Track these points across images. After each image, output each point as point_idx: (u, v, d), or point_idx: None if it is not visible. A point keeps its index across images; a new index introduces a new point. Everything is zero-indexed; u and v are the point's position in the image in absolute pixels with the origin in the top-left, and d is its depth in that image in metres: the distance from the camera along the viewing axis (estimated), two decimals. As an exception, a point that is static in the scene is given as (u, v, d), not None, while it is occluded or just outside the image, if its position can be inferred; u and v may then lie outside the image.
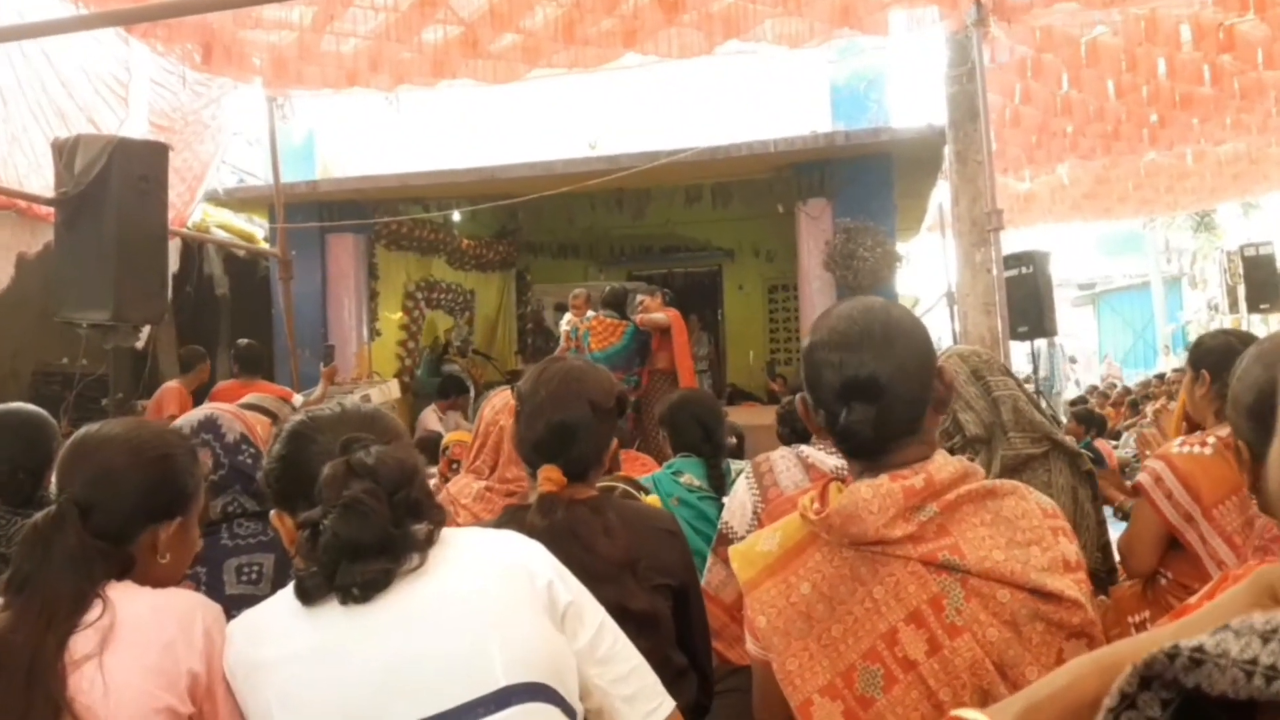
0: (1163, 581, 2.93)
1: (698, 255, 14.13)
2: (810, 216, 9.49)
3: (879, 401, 1.48)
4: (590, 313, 8.60)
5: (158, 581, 1.62)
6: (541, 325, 13.36)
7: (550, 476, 1.99)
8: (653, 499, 3.05)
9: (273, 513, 1.54)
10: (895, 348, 1.49)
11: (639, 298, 8.59)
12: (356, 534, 1.39)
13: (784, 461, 2.68)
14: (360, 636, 1.39)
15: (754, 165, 9.63)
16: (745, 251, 13.89)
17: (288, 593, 1.46)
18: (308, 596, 1.42)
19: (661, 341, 8.27)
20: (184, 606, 1.53)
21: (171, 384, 7.50)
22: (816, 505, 1.52)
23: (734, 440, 4.71)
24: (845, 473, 1.78)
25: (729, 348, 14.12)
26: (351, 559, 1.40)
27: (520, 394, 2.11)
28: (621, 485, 2.79)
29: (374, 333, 10.98)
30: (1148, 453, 4.54)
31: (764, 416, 6.75)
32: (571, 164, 9.52)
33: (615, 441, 2.15)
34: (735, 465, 3.63)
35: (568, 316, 8.82)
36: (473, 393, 10.67)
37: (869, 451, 1.53)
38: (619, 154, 9.42)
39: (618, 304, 8.56)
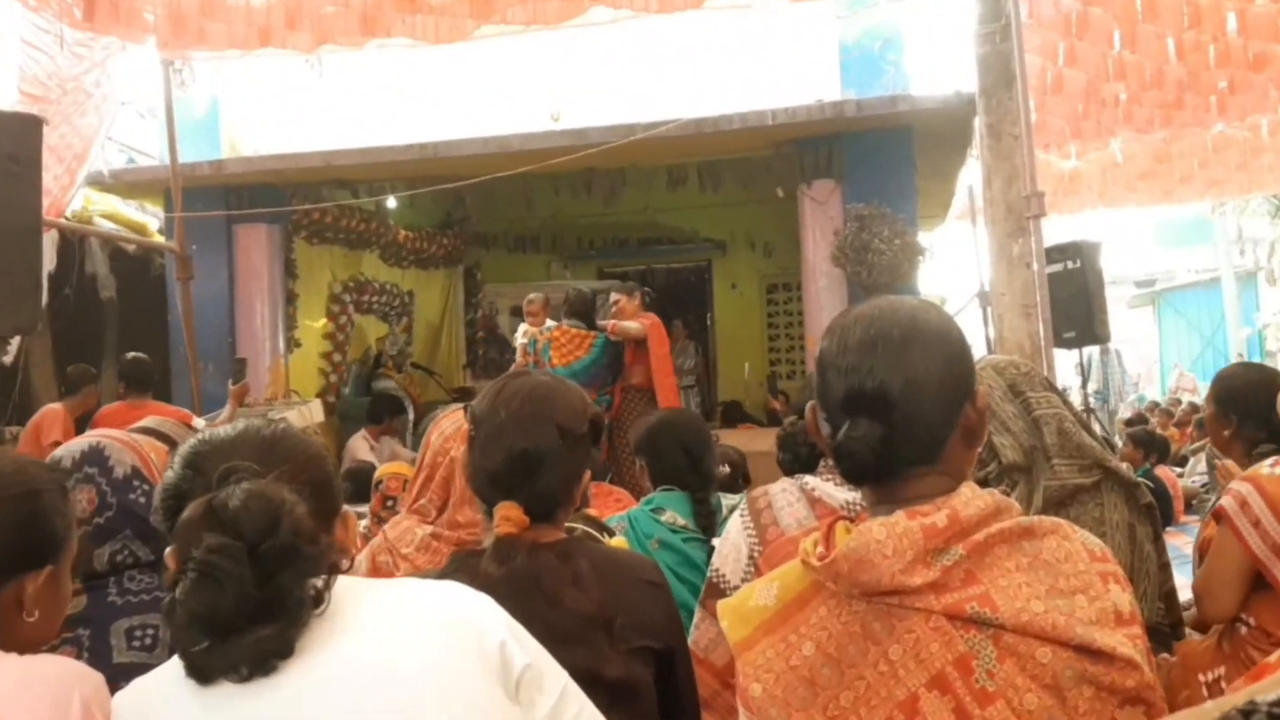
0: (1243, 630, 2.96)
1: (682, 248, 14.20)
2: (816, 202, 9.54)
3: (887, 419, 1.50)
4: (550, 322, 8.60)
5: (25, 645, 1.60)
6: (495, 333, 13.36)
7: (509, 515, 1.98)
8: (618, 541, 3.01)
9: (168, 551, 1.51)
10: (913, 357, 1.51)
11: (613, 296, 8.56)
12: (209, 608, 1.35)
13: (785, 495, 2.64)
14: (271, 711, 1.37)
15: (749, 141, 9.67)
16: (739, 244, 13.97)
17: None
18: (201, 676, 1.38)
19: (636, 353, 8.28)
20: (57, 676, 1.51)
21: (54, 406, 7.45)
22: (820, 548, 1.52)
23: (726, 470, 4.69)
24: (857, 508, 1.77)
25: (720, 359, 14.22)
26: (220, 636, 1.36)
27: (475, 416, 2.10)
28: (580, 526, 2.77)
29: (292, 343, 10.95)
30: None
31: (763, 441, 6.71)
32: (530, 140, 9.52)
33: (588, 474, 2.16)
34: (728, 500, 3.61)
35: (523, 327, 8.82)
36: (411, 415, 10.66)
37: (869, 477, 1.55)
38: (587, 128, 9.44)
39: (584, 311, 8.58)
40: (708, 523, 3.44)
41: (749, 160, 10.08)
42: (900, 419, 1.49)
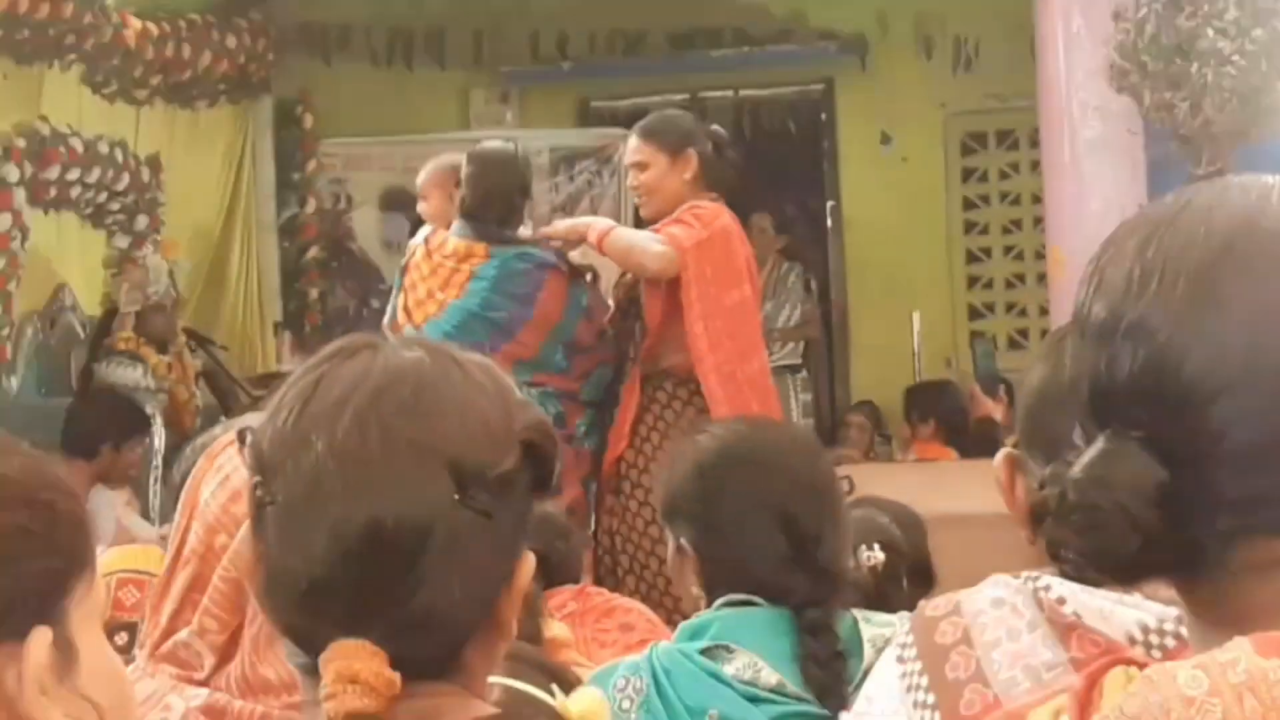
0: None
1: (769, 55, 8.16)
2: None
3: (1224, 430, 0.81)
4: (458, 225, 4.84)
5: None
6: (343, 247, 8.24)
7: (355, 672, 1.06)
8: (588, 703, 1.29)
9: None
10: None
11: (631, 149, 4.49)
12: None
13: (1000, 614, 1.49)
14: None
15: None
16: (896, 43, 8.01)
17: None
18: None
19: (668, 298, 4.31)
20: None
21: None
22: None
23: (874, 559, 2.83)
24: (1169, 639, 1.26)
25: (854, 301, 8.35)
26: None
27: (260, 453, 1.14)
28: (515, 683, 1.50)
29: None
30: None
31: (965, 489, 4.46)
32: None
33: (527, 561, 1.16)
34: (873, 627, 2.17)
35: (424, 233, 4.92)
36: (160, 435, 6.36)
37: (1193, 563, 0.84)
38: None
39: (497, 198, 4.58)
40: (829, 678, 2.05)
41: None
42: (1253, 434, 0.81)
